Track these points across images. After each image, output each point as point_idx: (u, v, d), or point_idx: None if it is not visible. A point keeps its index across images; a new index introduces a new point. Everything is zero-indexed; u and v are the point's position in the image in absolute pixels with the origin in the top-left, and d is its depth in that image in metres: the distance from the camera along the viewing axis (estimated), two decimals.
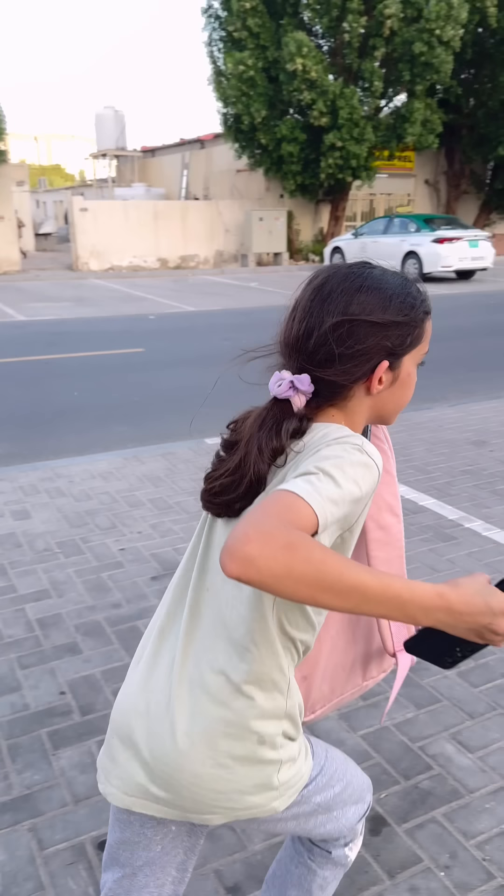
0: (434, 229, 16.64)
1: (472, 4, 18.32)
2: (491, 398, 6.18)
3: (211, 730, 0.98)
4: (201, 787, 0.98)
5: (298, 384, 0.97)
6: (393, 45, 18.11)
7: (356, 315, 0.97)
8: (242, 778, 0.99)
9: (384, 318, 0.98)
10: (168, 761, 0.98)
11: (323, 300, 0.99)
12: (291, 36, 17.42)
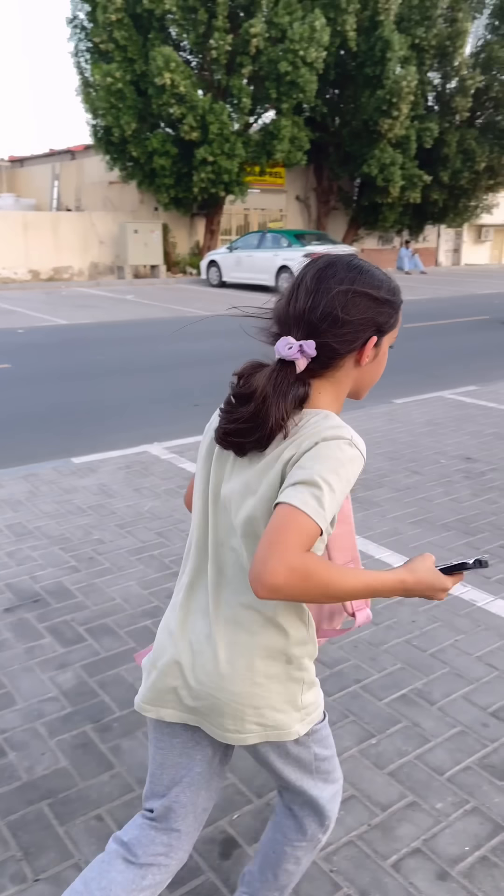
0: (304, 244, 17.15)
1: (333, 28, 19.11)
2: (354, 408, 6.41)
3: (247, 654, 1.17)
4: (241, 703, 1.18)
5: (307, 348, 1.12)
6: (259, 64, 18.55)
7: (359, 287, 1.15)
8: (274, 695, 1.19)
9: (380, 295, 1.17)
10: (212, 685, 1.18)
11: (330, 277, 1.15)
12: (158, 50, 17.45)
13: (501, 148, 23.52)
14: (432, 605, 2.92)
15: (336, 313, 1.13)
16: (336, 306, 1.13)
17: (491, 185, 24.92)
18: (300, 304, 1.16)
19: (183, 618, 1.25)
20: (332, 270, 1.17)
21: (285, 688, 1.21)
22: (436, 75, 23.57)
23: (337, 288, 1.14)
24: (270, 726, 1.20)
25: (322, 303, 1.14)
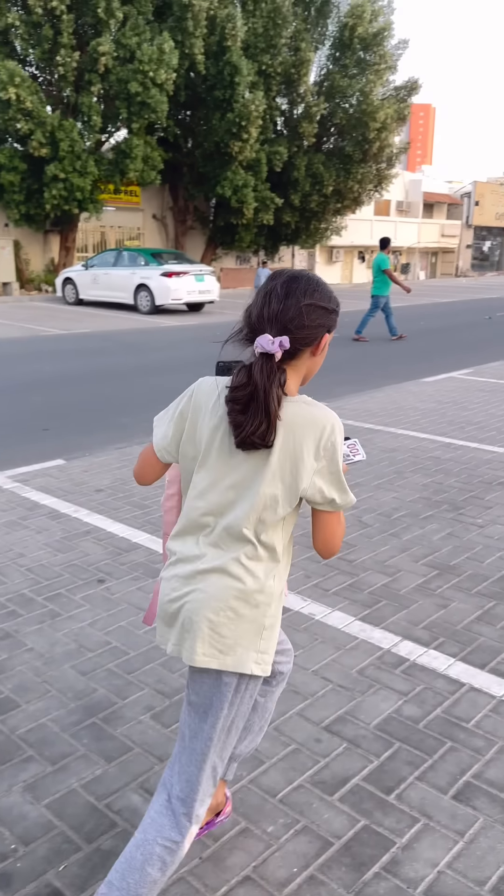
0: (161, 263, 17.15)
1: (181, 51, 19.36)
2: None
3: (228, 595, 1.45)
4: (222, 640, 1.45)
5: (283, 342, 1.40)
6: (109, 83, 18.44)
7: (317, 302, 1.46)
8: (233, 629, 1.46)
9: (329, 306, 1.49)
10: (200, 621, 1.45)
11: (296, 288, 1.45)
12: (3, 64, 16.90)
13: (347, 173, 24.75)
14: None
15: (302, 317, 1.44)
16: (302, 312, 1.44)
17: (339, 208, 26.14)
18: (273, 308, 1.45)
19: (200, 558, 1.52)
20: (297, 283, 1.47)
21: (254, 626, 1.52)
22: (283, 101, 24.49)
23: (302, 297, 1.45)
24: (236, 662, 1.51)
25: (291, 308, 1.44)
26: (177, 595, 1.49)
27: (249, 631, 1.47)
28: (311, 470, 1.44)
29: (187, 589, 1.48)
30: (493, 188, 47.04)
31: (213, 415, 1.47)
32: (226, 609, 1.45)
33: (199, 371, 3.97)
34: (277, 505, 1.45)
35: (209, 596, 1.45)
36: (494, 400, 7.51)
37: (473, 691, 2.51)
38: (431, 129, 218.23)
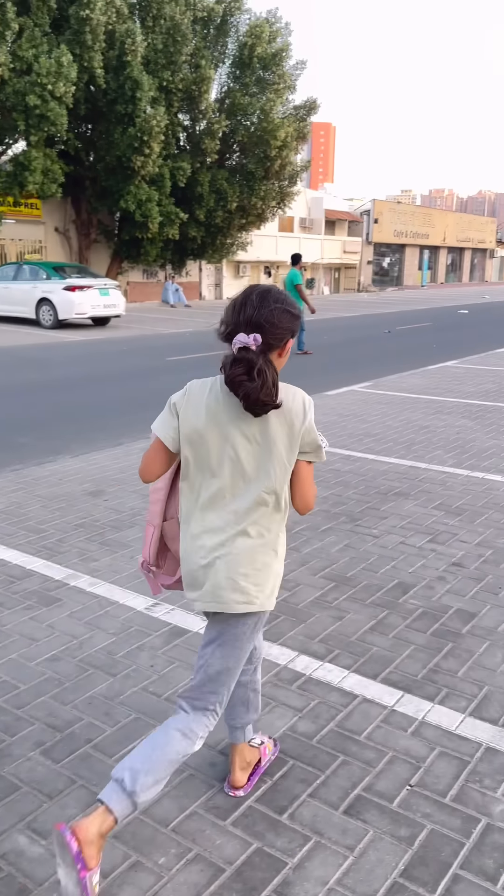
0: (64, 277, 16.83)
1: (80, 64, 19.14)
2: (113, 446, 6.35)
3: (253, 551, 1.82)
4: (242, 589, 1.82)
5: (257, 339, 1.71)
6: (5, 94, 17.99)
7: (286, 307, 1.77)
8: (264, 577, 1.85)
9: (294, 312, 1.80)
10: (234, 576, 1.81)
11: (269, 298, 1.77)
12: None
13: (250, 189, 25.11)
14: (171, 646, 2.93)
15: (274, 319, 1.75)
16: (274, 315, 1.75)
17: (243, 223, 26.47)
18: (248, 313, 1.75)
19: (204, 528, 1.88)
20: (269, 294, 1.79)
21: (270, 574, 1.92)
22: (185, 117, 24.62)
23: (273, 304, 1.76)
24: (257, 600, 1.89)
25: (265, 313, 1.74)
26: (206, 562, 1.84)
27: (269, 576, 1.87)
28: (300, 430, 1.81)
29: (217, 553, 1.83)
30: (391, 206, 48.96)
31: (209, 405, 1.80)
32: (252, 562, 1.83)
33: (105, 387, 3.89)
34: (286, 464, 1.82)
35: (237, 556, 1.82)
36: (391, 412, 7.76)
37: (366, 703, 2.56)
38: (332, 147, 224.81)
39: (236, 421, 1.79)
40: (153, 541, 2.05)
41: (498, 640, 2.97)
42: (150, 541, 2.05)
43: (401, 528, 4.26)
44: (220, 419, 1.79)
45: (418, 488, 5.06)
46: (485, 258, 61.38)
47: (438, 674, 2.73)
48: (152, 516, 2.05)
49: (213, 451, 1.80)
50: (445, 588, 3.46)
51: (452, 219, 56.91)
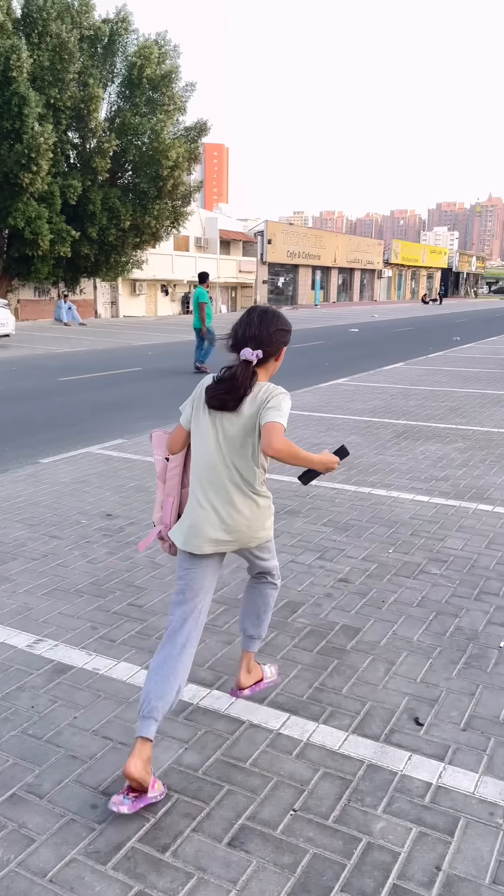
0: None
1: None
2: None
3: (248, 503, 2.30)
4: (250, 526, 2.32)
5: (259, 355, 2.25)
6: None
7: (281, 327, 2.32)
8: (262, 520, 2.36)
9: (287, 328, 2.35)
10: (237, 520, 2.30)
11: (266, 317, 2.30)
12: None
13: (144, 208, 25.07)
14: (54, 685, 2.82)
15: (271, 337, 2.30)
16: (272, 334, 2.30)
17: (137, 242, 26.35)
18: (252, 331, 2.29)
19: (203, 496, 2.33)
20: (267, 315, 2.33)
21: (264, 517, 2.39)
22: (75, 135, 24.32)
23: (271, 325, 2.31)
24: (259, 537, 2.40)
25: (264, 331, 2.28)
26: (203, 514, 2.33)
27: (262, 518, 2.38)
28: (261, 407, 2.24)
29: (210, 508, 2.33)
30: (284, 227, 50.16)
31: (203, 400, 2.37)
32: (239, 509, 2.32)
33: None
34: (254, 431, 2.27)
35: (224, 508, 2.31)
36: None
37: (252, 728, 2.55)
38: (226, 168, 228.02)
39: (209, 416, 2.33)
40: (173, 509, 2.52)
41: (380, 655, 3.04)
42: (171, 510, 2.52)
43: (291, 547, 4.32)
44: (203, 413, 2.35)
45: (309, 505, 5.15)
46: (373, 278, 63.92)
47: (324, 692, 2.77)
48: (171, 489, 2.53)
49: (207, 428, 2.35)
50: (332, 604, 3.53)
51: (342, 240, 58.98)
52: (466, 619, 3.37)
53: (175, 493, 2.51)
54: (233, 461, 2.29)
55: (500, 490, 5.57)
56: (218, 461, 2.30)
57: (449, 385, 11.50)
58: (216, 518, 2.30)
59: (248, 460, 2.29)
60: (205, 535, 2.31)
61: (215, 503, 2.30)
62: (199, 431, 2.34)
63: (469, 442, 7.31)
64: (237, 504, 2.30)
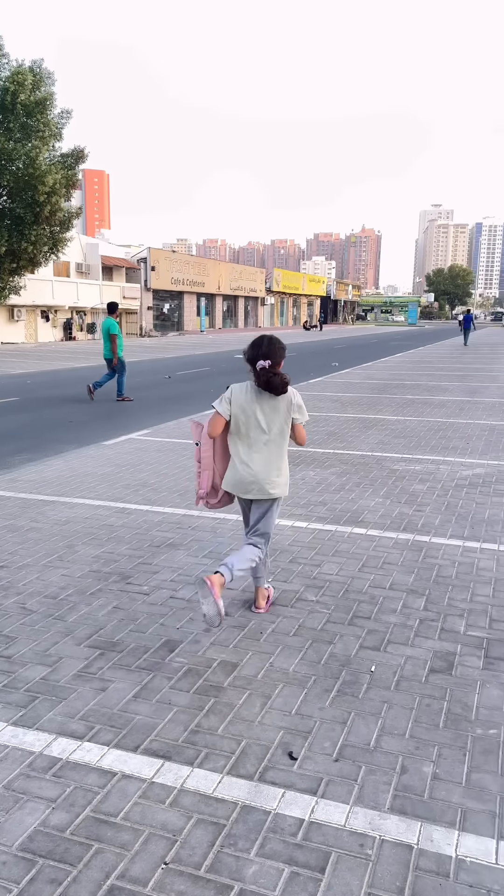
0: None
1: None
2: None
3: (278, 470, 3.71)
4: (273, 485, 3.70)
5: (268, 363, 3.54)
6: None
7: (280, 347, 3.62)
8: (283, 483, 3.75)
9: (283, 347, 3.66)
10: (267, 479, 3.67)
11: (272, 342, 3.59)
12: None
13: (20, 234, 24.43)
14: None
15: (276, 354, 3.55)
16: (276, 352, 3.55)
17: (14, 268, 25.62)
18: (264, 349, 3.53)
19: (250, 458, 3.65)
20: (272, 340, 3.58)
21: (284, 479, 3.71)
22: None
23: (276, 345, 3.58)
24: (277, 492, 3.69)
25: (270, 350, 3.53)
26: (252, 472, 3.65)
27: (283, 481, 3.71)
28: (290, 408, 3.64)
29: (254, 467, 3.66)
30: (167, 255, 50.36)
31: (248, 395, 3.63)
32: (275, 469, 3.67)
33: None
34: (287, 422, 3.66)
35: (265, 467, 3.65)
36: (167, 460, 7.84)
37: (125, 779, 2.47)
38: (107, 195, 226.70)
39: (260, 401, 3.64)
40: (209, 480, 3.83)
41: (257, 689, 3.05)
42: (208, 481, 3.83)
43: (171, 582, 4.27)
44: (253, 400, 3.64)
45: (190, 537, 5.12)
46: (257, 305, 65.31)
47: (199, 734, 2.73)
48: (207, 463, 3.79)
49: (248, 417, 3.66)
50: (211, 640, 3.50)
51: (225, 268, 59.95)
52: (340, 645, 3.44)
53: (209, 468, 3.81)
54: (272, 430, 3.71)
55: (373, 513, 5.78)
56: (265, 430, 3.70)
57: (328, 410, 11.86)
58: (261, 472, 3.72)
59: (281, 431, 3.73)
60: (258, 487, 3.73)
61: (257, 459, 3.70)
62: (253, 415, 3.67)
63: (346, 466, 7.55)
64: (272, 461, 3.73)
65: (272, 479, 3.64)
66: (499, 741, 2.68)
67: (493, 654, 3.36)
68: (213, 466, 3.76)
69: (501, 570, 4.51)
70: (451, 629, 3.64)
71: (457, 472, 7.30)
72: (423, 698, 2.98)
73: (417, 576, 4.39)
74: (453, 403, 12.63)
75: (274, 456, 3.65)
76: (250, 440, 3.64)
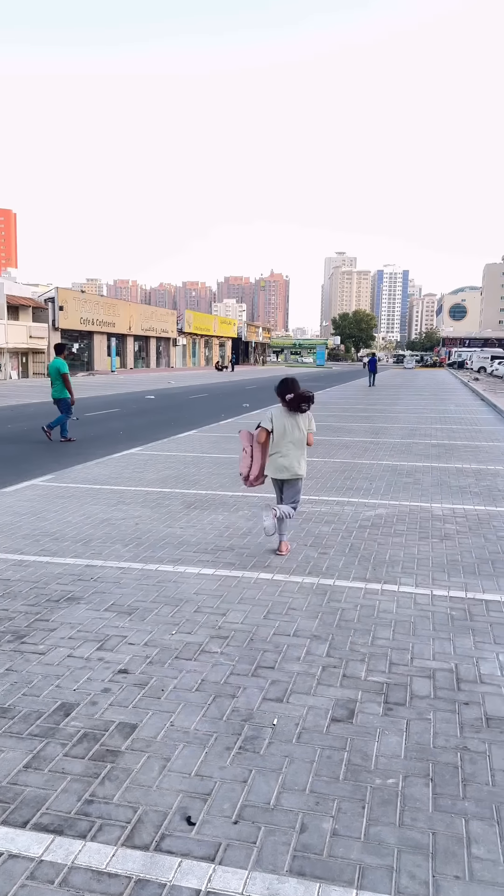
0: None
1: None
2: None
3: (301, 461, 5.96)
4: (299, 470, 5.94)
5: (291, 396, 5.82)
6: None
7: (298, 384, 5.89)
8: (304, 468, 6.01)
9: (298, 385, 5.91)
10: (297, 466, 5.92)
11: (296, 382, 5.87)
12: None
13: None
14: None
15: (298, 389, 5.81)
16: (299, 387, 5.80)
17: None
18: (289, 387, 5.80)
19: (285, 454, 5.86)
20: (294, 379, 5.84)
21: (304, 464, 5.97)
22: None
23: (297, 383, 5.84)
24: (301, 474, 5.96)
25: (296, 387, 5.80)
26: (290, 460, 5.84)
27: (303, 465, 5.93)
28: (307, 422, 5.89)
29: (291, 457, 5.86)
30: (76, 295, 49.90)
31: (282, 415, 5.82)
32: (299, 460, 5.87)
33: None
34: (304, 431, 5.86)
35: (294, 459, 5.85)
36: (72, 506, 7.63)
37: (12, 859, 2.32)
38: (14, 233, 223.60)
39: (289, 418, 5.78)
40: (259, 468, 5.97)
41: (156, 751, 2.95)
42: (257, 469, 5.97)
43: (69, 639, 4.11)
44: (285, 418, 5.79)
45: (92, 589, 4.97)
46: (169, 346, 65.51)
47: (93, 804, 2.60)
48: (256, 461, 5.97)
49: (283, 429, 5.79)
50: (109, 701, 3.38)
51: (137, 309, 59.97)
52: (243, 699, 3.40)
53: (258, 462, 5.95)
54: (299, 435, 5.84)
55: (279, 557, 5.81)
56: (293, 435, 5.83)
57: (238, 452, 11.91)
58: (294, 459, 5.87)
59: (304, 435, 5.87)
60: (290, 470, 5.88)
61: (293, 452, 5.82)
62: (285, 425, 5.81)
63: (254, 509, 7.58)
64: (301, 453, 5.87)
65: (299, 465, 5.88)
66: (397, 790, 2.70)
67: (392, 700, 3.41)
68: (260, 461, 5.97)
69: (401, 611, 4.61)
70: (353, 675, 3.67)
71: (360, 513, 7.46)
72: (323, 750, 2.97)
73: (321, 621, 4.42)
74: (358, 444, 12.98)
75: (299, 452, 5.87)
76: (284, 442, 5.84)
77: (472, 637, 4.20)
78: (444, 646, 4.06)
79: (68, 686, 3.53)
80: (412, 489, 8.87)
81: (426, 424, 17.12)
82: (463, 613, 4.59)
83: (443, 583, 5.21)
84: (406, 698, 3.42)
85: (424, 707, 3.34)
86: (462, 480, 9.52)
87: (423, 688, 3.54)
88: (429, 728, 3.15)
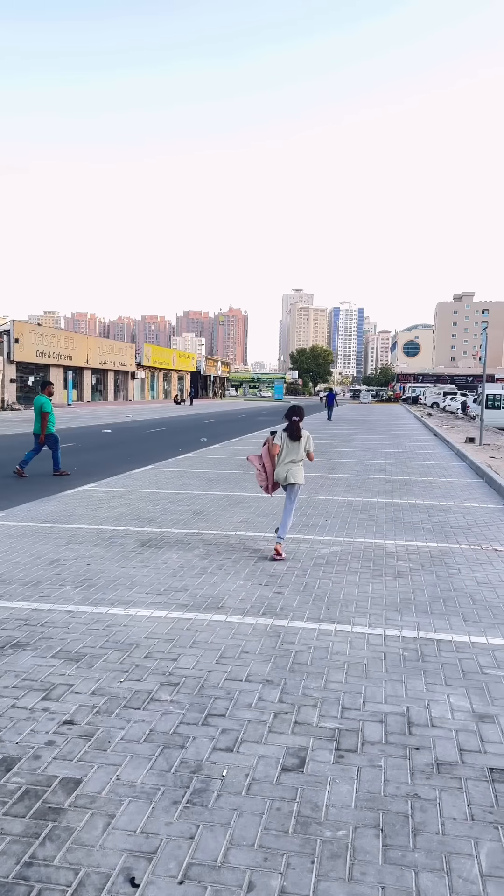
0: None
1: None
2: None
3: (299, 469, 7.53)
4: (298, 477, 7.48)
5: (298, 419, 7.53)
6: None
7: (301, 409, 7.65)
8: (302, 477, 7.54)
9: (303, 409, 7.76)
10: (295, 476, 7.46)
11: (300, 408, 7.63)
12: None
13: None
14: None
15: (301, 413, 7.52)
16: (302, 413, 7.51)
17: None
18: (295, 411, 7.47)
19: (288, 467, 7.44)
20: (299, 406, 7.63)
21: (302, 473, 7.53)
22: None
23: (301, 410, 7.55)
24: (300, 480, 7.47)
25: (299, 411, 7.49)
26: (287, 471, 7.39)
27: (301, 474, 7.47)
28: (305, 442, 7.46)
29: (288, 470, 7.40)
30: (32, 328, 49.52)
31: (285, 436, 7.41)
32: (298, 471, 7.42)
33: None
34: (303, 450, 7.46)
35: (295, 470, 7.41)
36: (20, 546, 7.45)
37: None
38: None
39: (289, 440, 7.41)
40: (272, 480, 7.54)
41: (101, 808, 2.85)
42: (270, 480, 7.56)
43: (13, 689, 3.97)
44: (287, 439, 7.41)
45: (39, 635, 4.83)
46: (127, 379, 65.30)
47: (33, 867, 2.49)
48: (270, 469, 7.51)
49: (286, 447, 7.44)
50: (53, 754, 3.26)
51: (94, 343, 59.79)
52: (192, 750, 3.32)
53: (271, 474, 7.46)
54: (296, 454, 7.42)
55: (233, 597, 5.75)
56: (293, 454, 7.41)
57: (194, 487, 11.87)
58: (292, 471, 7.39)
59: (301, 455, 7.43)
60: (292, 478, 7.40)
61: (290, 467, 7.34)
62: (287, 446, 7.40)
63: (209, 547, 7.53)
64: (297, 467, 7.40)
65: (297, 476, 7.36)
66: (346, 843, 2.65)
67: (344, 746, 3.37)
68: (272, 473, 7.47)
69: (354, 652, 4.60)
70: (305, 721, 3.62)
71: (315, 551, 7.47)
72: (273, 801, 2.91)
73: (274, 664, 4.37)
74: (314, 479, 13.04)
75: (297, 465, 7.38)
76: (287, 458, 7.36)
77: (424, 678, 4.20)
78: (395, 688, 4.05)
79: (10, 739, 3.40)
80: (367, 525, 8.93)
81: (381, 460, 17.34)
82: (415, 654, 4.60)
83: (396, 622, 5.22)
84: (357, 744, 3.39)
85: (376, 753, 3.31)
86: (415, 516, 9.64)
87: (374, 733, 3.51)
88: (380, 775, 3.12)
